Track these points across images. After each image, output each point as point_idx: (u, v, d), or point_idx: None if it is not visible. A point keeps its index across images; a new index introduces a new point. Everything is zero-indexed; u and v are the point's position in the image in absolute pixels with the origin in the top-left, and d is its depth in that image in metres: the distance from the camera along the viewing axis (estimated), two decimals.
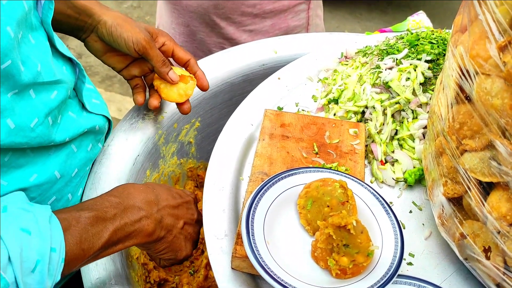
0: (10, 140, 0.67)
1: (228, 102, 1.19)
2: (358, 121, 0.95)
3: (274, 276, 0.64)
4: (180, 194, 0.84)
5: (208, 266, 1.06)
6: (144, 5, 3.79)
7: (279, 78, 1.08)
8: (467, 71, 0.62)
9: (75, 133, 0.82)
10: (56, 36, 0.78)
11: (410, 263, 0.76)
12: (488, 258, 0.65)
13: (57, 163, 0.80)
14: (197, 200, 0.89)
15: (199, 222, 0.85)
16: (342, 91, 1.00)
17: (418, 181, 0.88)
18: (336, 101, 1.00)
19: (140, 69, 0.98)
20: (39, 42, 0.72)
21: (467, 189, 0.66)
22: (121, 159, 0.96)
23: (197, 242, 0.87)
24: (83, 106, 0.87)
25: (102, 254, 0.68)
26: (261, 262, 0.65)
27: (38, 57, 0.70)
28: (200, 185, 1.27)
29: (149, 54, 0.90)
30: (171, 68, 0.95)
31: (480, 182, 0.64)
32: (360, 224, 0.66)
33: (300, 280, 0.65)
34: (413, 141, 0.90)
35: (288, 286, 0.63)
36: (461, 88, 0.65)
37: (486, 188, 0.63)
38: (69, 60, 0.83)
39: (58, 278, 0.59)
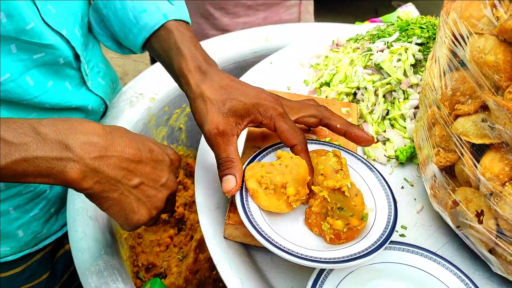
0: None
1: None
2: (350, 102, 0.96)
3: (267, 237, 0.63)
4: (152, 149, 0.69)
5: (197, 249, 1.04)
6: None
7: (271, 63, 1.08)
8: (460, 35, 0.63)
9: (61, 103, 0.79)
10: (49, 8, 0.75)
11: (402, 235, 0.76)
12: (480, 222, 0.66)
13: None
14: (178, 164, 0.75)
15: (167, 188, 0.70)
16: (334, 74, 1.01)
17: (410, 159, 0.89)
18: (328, 84, 1.01)
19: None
20: (28, 4, 0.70)
21: (459, 155, 0.67)
22: None
23: (160, 210, 0.70)
24: (84, 82, 0.86)
25: (3, 179, 0.58)
26: (254, 224, 0.65)
27: (31, 17, 0.69)
28: (189, 174, 1.26)
29: (213, 149, 0.72)
30: (231, 174, 0.69)
31: (472, 146, 0.65)
32: (354, 187, 0.66)
33: (292, 243, 0.65)
34: (404, 121, 0.91)
35: (280, 247, 0.62)
36: (454, 54, 0.66)
37: (479, 151, 0.64)
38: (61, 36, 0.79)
39: None
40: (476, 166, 0.64)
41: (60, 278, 0.98)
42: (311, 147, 0.78)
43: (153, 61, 1.62)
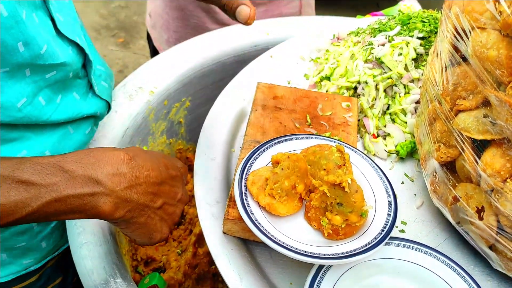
0: None
1: (219, 82, 1.18)
2: (351, 96, 0.95)
3: (266, 233, 0.63)
4: (167, 166, 0.72)
5: (196, 243, 1.04)
6: (132, 5, 3.78)
7: (271, 56, 1.08)
8: (463, 30, 0.62)
9: (72, 116, 0.78)
10: (58, 17, 0.73)
11: (402, 231, 0.76)
12: (481, 218, 0.65)
13: (49, 142, 0.77)
14: (186, 176, 0.78)
15: (182, 202, 0.74)
16: (335, 68, 1.00)
17: (410, 154, 0.88)
18: (328, 79, 1.00)
19: None
20: (42, 21, 0.69)
21: (460, 150, 0.66)
22: (111, 130, 0.94)
23: (177, 223, 0.76)
24: (91, 87, 0.85)
25: (34, 221, 0.58)
26: (253, 219, 0.64)
27: (44, 38, 0.67)
28: (189, 168, 1.25)
29: None
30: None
31: (473, 142, 0.65)
32: (355, 183, 0.65)
33: (291, 238, 0.64)
34: (405, 116, 0.91)
35: (279, 242, 0.62)
36: (456, 49, 0.65)
37: (480, 147, 0.64)
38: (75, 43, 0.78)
39: None
40: (477, 162, 0.63)
41: (72, 280, 0.97)
42: (313, 142, 0.78)
43: (153, 54, 1.61)
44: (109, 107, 0.91)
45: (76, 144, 0.83)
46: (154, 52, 1.57)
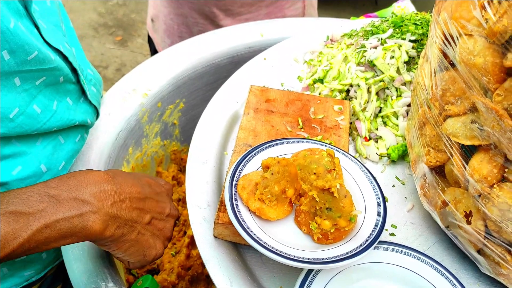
0: None
1: (213, 84, 1.19)
2: (343, 99, 0.95)
3: (255, 237, 0.63)
4: (150, 184, 0.73)
5: (190, 245, 1.05)
6: (130, 3, 3.78)
7: (264, 59, 1.08)
8: (451, 36, 0.62)
9: (65, 123, 0.78)
10: (41, 24, 0.72)
11: (392, 234, 0.77)
12: (469, 223, 0.66)
13: (43, 155, 0.77)
14: (171, 192, 0.79)
15: (172, 217, 0.75)
16: (328, 71, 1.00)
17: (401, 157, 0.88)
18: (321, 81, 1.00)
19: None
20: (28, 29, 0.68)
21: (449, 155, 0.67)
22: (104, 133, 0.95)
23: (170, 239, 0.75)
24: (83, 93, 0.84)
25: (26, 253, 0.58)
26: (242, 224, 0.65)
27: (35, 44, 0.67)
28: (183, 169, 1.26)
29: None
30: None
31: (462, 147, 0.65)
32: (344, 188, 0.66)
33: (281, 243, 0.65)
34: (397, 119, 0.91)
35: (268, 247, 0.63)
36: (444, 55, 0.66)
37: (468, 152, 0.64)
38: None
39: None
40: (465, 167, 0.64)
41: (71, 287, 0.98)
42: (304, 145, 0.78)
43: (153, 53, 1.59)
44: (97, 114, 0.91)
45: (69, 153, 0.83)
46: (154, 51, 1.56)
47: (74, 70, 0.80)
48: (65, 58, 0.76)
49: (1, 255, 0.55)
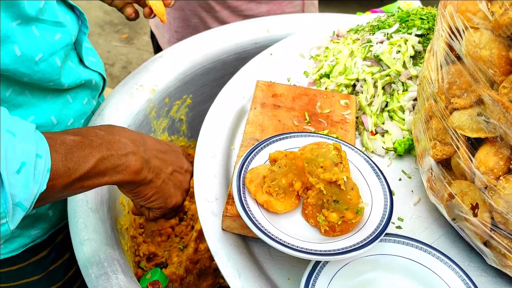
0: (15, 67, 0.69)
1: (220, 80, 1.19)
2: (349, 94, 0.96)
3: (263, 229, 0.64)
4: (167, 143, 0.82)
5: (197, 239, 1.06)
6: None
7: (271, 54, 1.08)
8: (457, 29, 0.63)
9: (73, 82, 0.84)
10: None
11: (399, 227, 0.77)
12: (475, 215, 0.66)
13: (53, 109, 0.82)
14: (186, 154, 0.86)
15: (189, 172, 0.83)
16: (334, 66, 1.01)
17: (408, 151, 0.89)
18: (327, 76, 1.01)
19: None
20: None
21: (455, 148, 0.67)
22: None
23: (188, 191, 0.83)
24: (80, 61, 0.89)
25: (88, 184, 0.64)
26: (251, 216, 0.65)
27: None
28: (191, 164, 1.27)
29: None
30: None
31: (468, 140, 0.65)
32: (350, 180, 0.66)
33: (289, 235, 0.66)
34: (403, 113, 0.91)
35: (276, 239, 0.63)
36: (451, 48, 0.66)
37: (474, 145, 0.65)
38: (72, 10, 0.85)
39: (44, 187, 0.55)
40: (471, 160, 0.64)
41: None
42: (311, 139, 0.79)
43: (156, 48, 1.62)
44: (103, 80, 0.96)
45: (76, 113, 0.88)
46: (158, 50, 1.58)
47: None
48: (77, 17, 0.84)
49: (75, 174, 0.60)
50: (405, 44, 0.93)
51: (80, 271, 0.73)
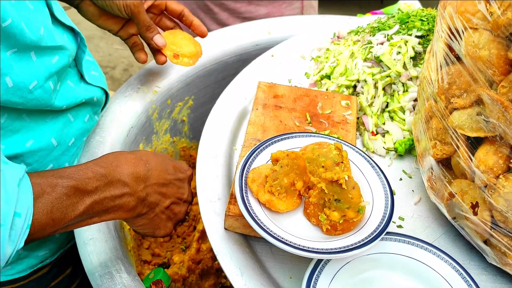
0: (7, 98, 0.68)
1: (222, 81, 1.20)
2: (350, 95, 0.97)
3: (266, 228, 0.65)
4: (176, 168, 0.79)
5: (200, 239, 1.06)
6: None
7: (272, 56, 1.09)
8: (456, 30, 0.64)
9: (72, 102, 0.82)
10: (55, 4, 0.79)
11: (400, 226, 0.78)
12: (475, 213, 0.67)
13: (53, 130, 0.81)
14: (191, 178, 0.84)
15: (188, 202, 0.82)
16: (335, 67, 1.02)
17: (408, 151, 0.90)
18: (328, 77, 1.02)
19: (136, 27, 0.97)
20: (38, 8, 0.72)
21: (455, 147, 0.68)
22: (115, 129, 0.96)
23: (183, 221, 0.82)
24: (81, 77, 0.88)
25: (74, 225, 0.64)
26: (253, 215, 0.66)
27: (40, 21, 0.71)
28: (192, 165, 1.27)
29: (136, 18, 0.90)
30: (157, 33, 0.95)
31: (468, 139, 0.66)
32: (352, 180, 0.67)
33: (291, 234, 0.66)
34: (404, 113, 0.92)
35: (278, 238, 0.64)
36: (450, 49, 0.67)
37: (474, 144, 0.65)
38: (70, 29, 0.83)
39: (21, 245, 0.54)
40: (471, 159, 0.65)
41: (80, 271, 1.00)
42: (312, 139, 0.79)
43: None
44: (106, 95, 0.95)
45: (78, 131, 0.87)
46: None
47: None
48: (75, 37, 0.82)
49: (61, 224, 0.60)
50: (405, 45, 0.94)
51: (80, 285, 0.74)
